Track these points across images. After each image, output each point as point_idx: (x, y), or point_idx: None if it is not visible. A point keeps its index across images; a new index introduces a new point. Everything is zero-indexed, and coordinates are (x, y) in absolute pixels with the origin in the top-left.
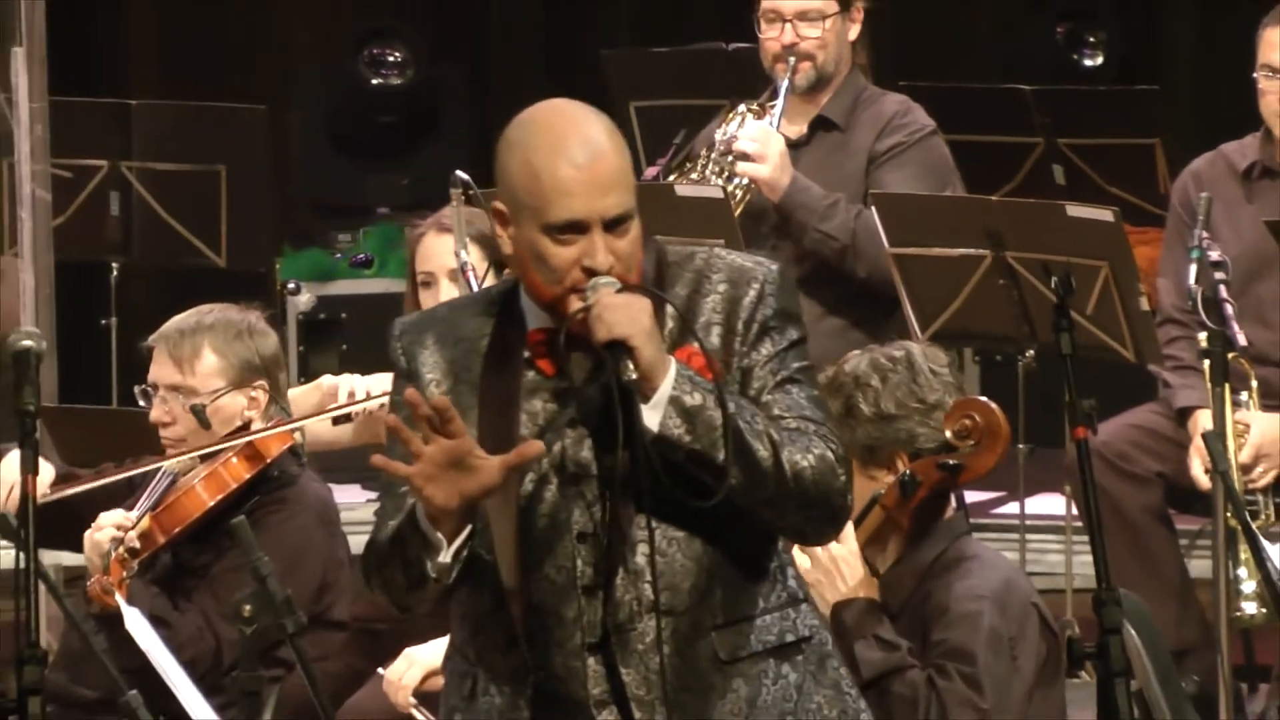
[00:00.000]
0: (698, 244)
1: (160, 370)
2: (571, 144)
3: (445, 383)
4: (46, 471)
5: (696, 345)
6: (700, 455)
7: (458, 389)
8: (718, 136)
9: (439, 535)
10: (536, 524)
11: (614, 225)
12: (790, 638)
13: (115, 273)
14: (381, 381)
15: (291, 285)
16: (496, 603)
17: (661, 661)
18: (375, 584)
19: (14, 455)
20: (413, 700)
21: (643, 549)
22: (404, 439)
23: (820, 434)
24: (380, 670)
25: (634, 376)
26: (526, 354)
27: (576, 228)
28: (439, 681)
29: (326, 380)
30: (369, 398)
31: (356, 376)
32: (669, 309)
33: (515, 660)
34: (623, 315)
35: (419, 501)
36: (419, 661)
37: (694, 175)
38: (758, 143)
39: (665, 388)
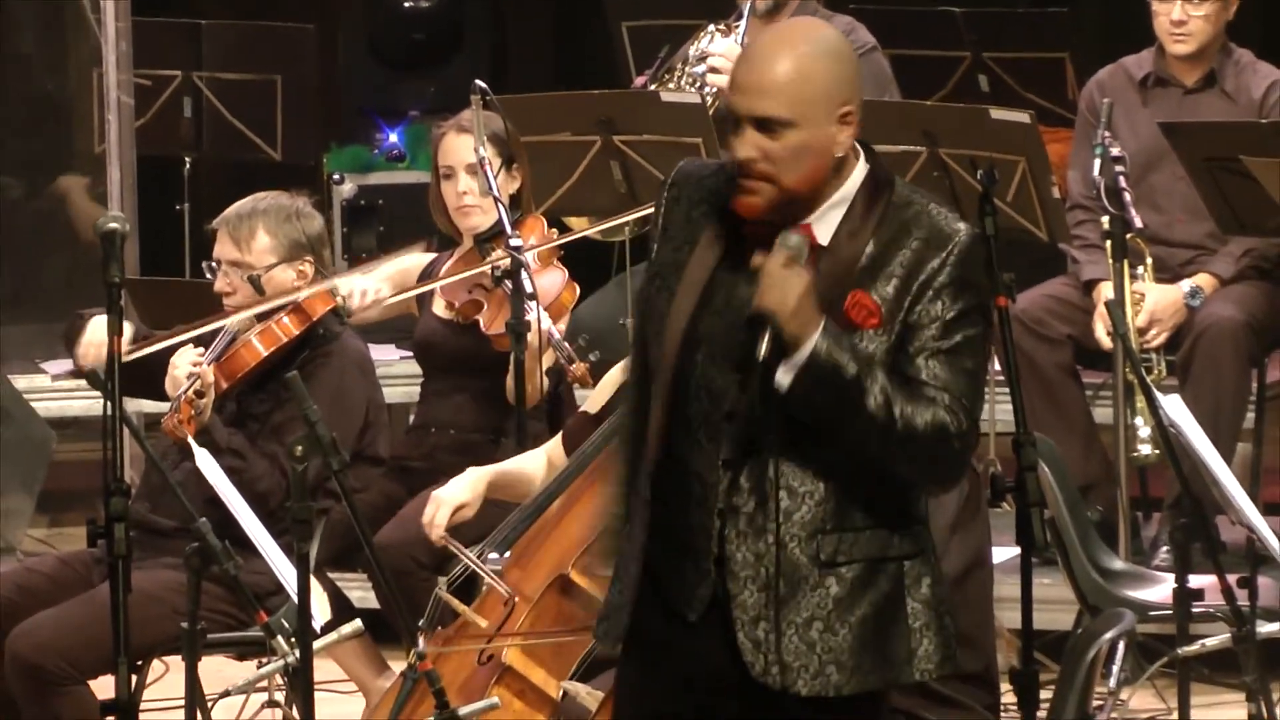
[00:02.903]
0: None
1: (222, 248)
2: (756, 50)
3: (685, 248)
4: (127, 330)
5: (866, 292)
6: (821, 413)
7: (684, 249)
8: (691, 51)
9: None
10: (700, 397)
11: (762, 126)
12: (893, 553)
13: (188, 166)
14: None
15: (336, 176)
16: (642, 441)
17: (770, 550)
18: None
19: (100, 319)
20: (445, 536)
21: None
22: None
23: (950, 406)
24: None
25: (763, 353)
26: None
27: (736, 122)
28: (466, 513)
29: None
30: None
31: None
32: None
33: (644, 490)
34: (774, 293)
35: None
36: (445, 500)
37: (672, 85)
38: (724, 57)
39: (803, 353)
